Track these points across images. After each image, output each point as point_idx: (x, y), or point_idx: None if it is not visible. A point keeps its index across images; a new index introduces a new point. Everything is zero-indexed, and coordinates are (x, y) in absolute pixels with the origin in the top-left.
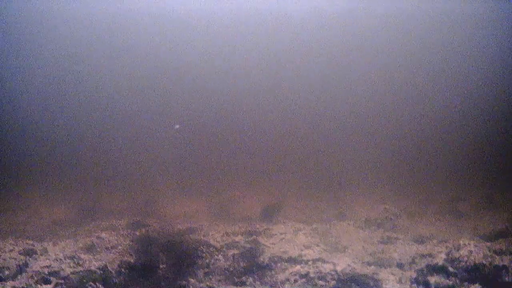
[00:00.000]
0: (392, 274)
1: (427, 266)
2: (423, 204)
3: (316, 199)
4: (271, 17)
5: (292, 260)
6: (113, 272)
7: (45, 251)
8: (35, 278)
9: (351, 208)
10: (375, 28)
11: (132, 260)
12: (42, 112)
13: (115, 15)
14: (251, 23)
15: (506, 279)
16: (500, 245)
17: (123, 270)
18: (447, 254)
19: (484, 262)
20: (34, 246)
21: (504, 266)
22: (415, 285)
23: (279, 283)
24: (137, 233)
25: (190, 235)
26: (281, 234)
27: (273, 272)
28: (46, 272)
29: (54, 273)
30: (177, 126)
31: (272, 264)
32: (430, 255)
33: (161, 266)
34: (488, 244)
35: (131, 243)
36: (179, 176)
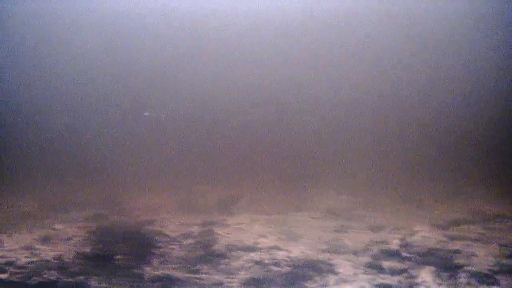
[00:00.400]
0: (346, 260)
1: (381, 251)
2: (382, 194)
3: (275, 191)
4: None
5: (247, 248)
6: (69, 262)
7: (0, 242)
8: None
9: (309, 199)
10: (379, 26)
11: (88, 251)
12: (9, 103)
13: (115, 15)
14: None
15: (458, 261)
16: (454, 232)
17: (79, 260)
18: (401, 240)
19: (437, 246)
20: None
21: (457, 250)
22: (369, 269)
23: (233, 270)
24: (94, 225)
25: (147, 227)
26: (237, 224)
27: (227, 260)
28: (2, 262)
29: (9, 263)
30: (147, 113)
31: (227, 252)
32: (384, 241)
33: (117, 257)
34: (443, 231)
35: (87, 235)
36: (145, 171)
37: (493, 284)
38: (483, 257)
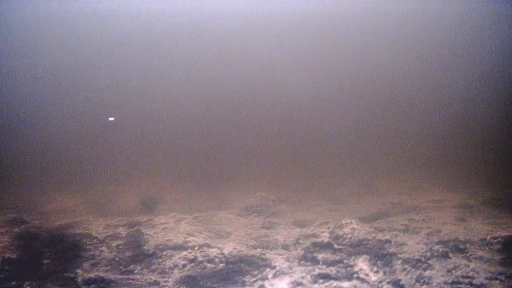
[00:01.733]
0: (279, 254)
1: (313, 244)
2: (302, 192)
3: (196, 191)
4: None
5: (178, 247)
6: None
7: None
8: None
9: (231, 198)
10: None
11: (14, 257)
12: None
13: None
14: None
15: (390, 250)
16: (379, 224)
17: (6, 266)
18: (331, 233)
19: (368, 237)
20: None
21: (387, 240)
22: (303, 261)
23: (167, 269)
24: (17, 230)
25: (71, 230)
26: (163, 224)
27: (160, 260)
28: None
29: None
30: (111, 119)
31: (158, 252)
32: (314, 235)
33: (45, 261)
34: (368, 223)
35: (11, 240)
36: (57, 173)
37: (426, 269)
38: (413, 245)
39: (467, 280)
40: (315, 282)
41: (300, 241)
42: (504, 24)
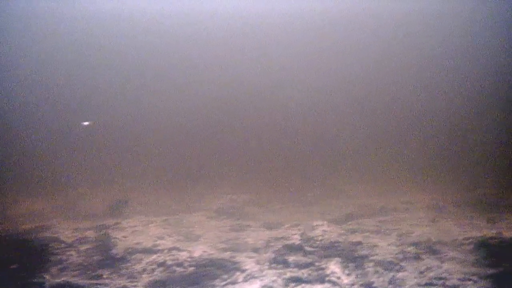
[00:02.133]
0: (249, 257)
1: (284, 246)
2: (270, 193)
3: (166, 193)
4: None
5: (147, 251)
6: None
7: None
8: None
9: (199, 200)
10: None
11: None
12: None
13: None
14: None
15: (362, 252)
16: (351, 225)
17: None
18: (302, 235)
19: (339, 239)
20: None
21: (359, 242)
22: (274, 264)
23: (136, 273)
24: None
25: (39, 234)
26: (131, 227)
27: (129, 264)
28: None
29: None
30: (86, 123)
31: (127, 256)
32: (284, 237)
33: (11, 267)
34: (339, 225)
35: None
36: (23, 175)
37: (399, 271)
38: (385, 247)
39: (440, 282)
40: (286, 285)
41: (270, 243)
42: (504, 24)
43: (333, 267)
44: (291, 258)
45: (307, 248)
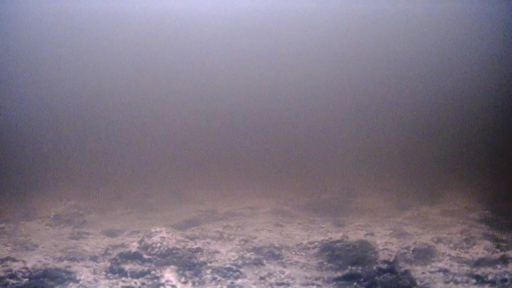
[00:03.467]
0: (86, 266)
1: (120, 255)
2: (114, 199)
3: (2, 200)
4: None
5: None
6: None
7: None
8: None
9: (39, 208)
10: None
11: None
12: None
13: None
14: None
15: (201, 259)
16: (193, 231)
17: None
18: (140, 242)
19: (177, 246)
20: None
21: (198, 248)
22: (110, 274)
23: None
24: None
25: None
26: None
27: None
28: None
29: None
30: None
31: None
32: (122, 245)
33: None
34: (180, 232)
35: None
36: None
37: (238, 277)
38: (225, 253)
39: (282, 287)
40: None
41: (109, 251)
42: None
43: (169, 275)
44: (127, 267)
45: (145, 256)
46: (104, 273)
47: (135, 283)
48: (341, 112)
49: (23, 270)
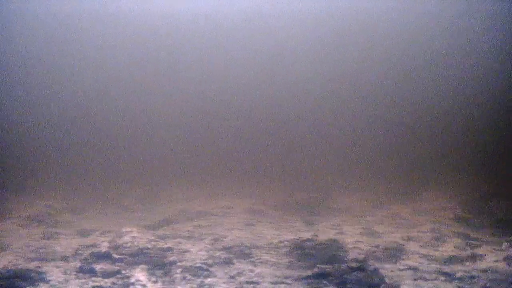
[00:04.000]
0: (57, 267)
1: (91, 254)
2: (89, 199)
3: None
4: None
5: None
6: None
7: None
8: None
9: (12, 208)
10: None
11: None
12: None
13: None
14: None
15: (171, 258)
16: (164, 231)
17: None
18: (110, 242)
19: (148, 245)
20: None
21: (169, 248)
22: (81, 274)
23: None
24: None
25: None
26: None
27: None
28: None
29: None
30: None
31: None
32: (94, 245)
33: None
34: (151, 231)
35: None
36: None
37: (208, 276)
38: (196, 253)
39: (251, 286)
40: None
41: (79, 251)
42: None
43: (139, 274)
44: (98, 267)
45: (115, 256)
46: (75, 273)
47: (105, 283)
48: (318, 112)
49: None
